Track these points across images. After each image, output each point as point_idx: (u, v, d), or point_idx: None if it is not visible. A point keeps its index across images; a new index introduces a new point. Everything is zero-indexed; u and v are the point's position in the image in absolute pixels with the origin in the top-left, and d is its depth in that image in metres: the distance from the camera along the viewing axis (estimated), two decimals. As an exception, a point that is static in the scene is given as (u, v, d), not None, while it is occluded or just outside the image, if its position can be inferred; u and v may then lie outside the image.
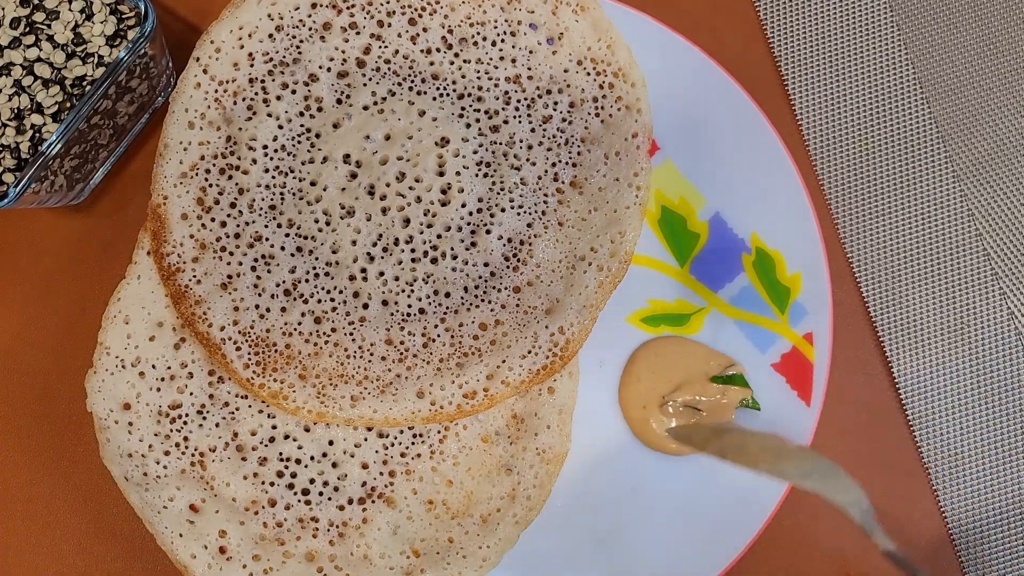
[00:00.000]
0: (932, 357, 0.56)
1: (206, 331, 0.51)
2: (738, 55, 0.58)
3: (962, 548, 0.55)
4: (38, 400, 0.56)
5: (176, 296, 0.52)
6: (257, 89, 0.53)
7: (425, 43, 0.54)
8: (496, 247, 0.53)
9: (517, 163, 0.54)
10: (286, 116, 0.53)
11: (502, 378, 0.52)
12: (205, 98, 0.53)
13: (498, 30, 0.54)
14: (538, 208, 0.54)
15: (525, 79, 0.54)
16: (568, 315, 0.53)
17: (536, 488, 0.53)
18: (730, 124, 0.55)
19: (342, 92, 0.54)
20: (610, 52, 0.55)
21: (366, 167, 0.53)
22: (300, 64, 0.54)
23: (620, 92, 0.55)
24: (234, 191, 0.53)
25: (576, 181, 0.54)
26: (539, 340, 0.52)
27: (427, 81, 0.54)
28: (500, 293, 0.53)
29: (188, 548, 0.51)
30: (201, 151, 0.53)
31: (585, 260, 0.54)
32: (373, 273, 0.52)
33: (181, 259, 0.52)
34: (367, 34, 0.54)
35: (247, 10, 0.53)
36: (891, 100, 0.58)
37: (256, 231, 0.53)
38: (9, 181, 0.50)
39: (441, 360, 0.52)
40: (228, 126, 0.53)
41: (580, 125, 0.55)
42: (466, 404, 0.52)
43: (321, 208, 0.53)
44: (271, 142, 0.53)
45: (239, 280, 0.52)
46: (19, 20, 0.51)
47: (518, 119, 0.54)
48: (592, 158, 0.54)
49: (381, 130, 0.53)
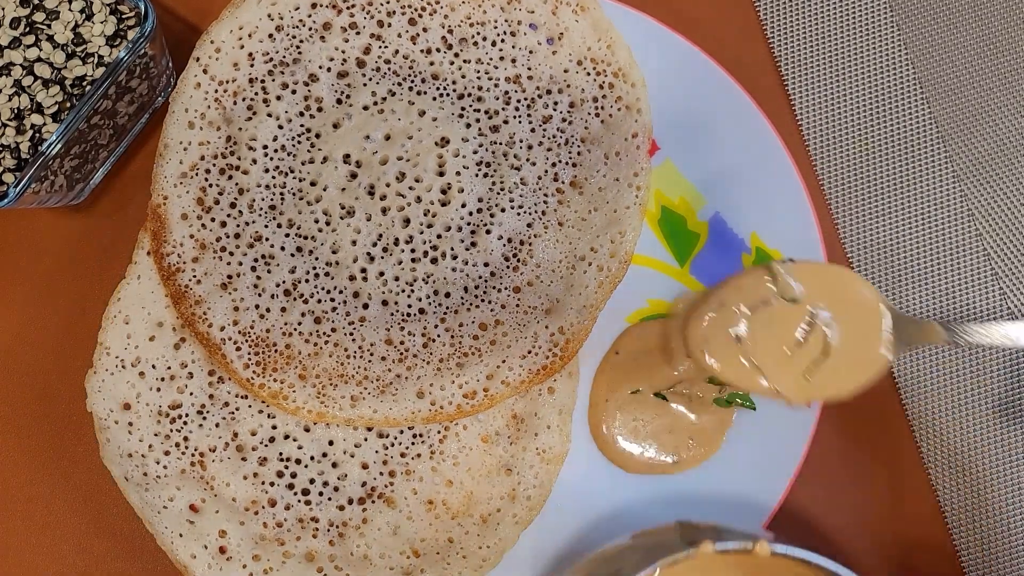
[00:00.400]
0: (932, 357, 0.56)
1: (206, 331, 0.51)
2: (738, 55, 0.58)
3: (962, 548, 0.55)
4: (38, 400, 0.56)
5: (176, 296, 0.52)
6: (257, 89, 0.53)
7: (425, 43, 0.54)
8: (496, 247, 0.53)
9: (517, 163, 0.54)
10: (286, 116, 0.53)
11: (502, 378, 0.52)
12: (205, 98, 0.53)
13: (498, 30, 0.54)
14: (538, 208, 0.54)
15: (525, 79, 0.54)
16: (568, 315, 0.53)
17: (536, 488, 0.53)
18: (730, 124, 0.55)
19: (342, 92, 0.54)
20: (610, 52, 0.55)
21: (366, 167, 0.53)
22: (300, 64, 0.54)
23: (620, 92, 0.55)
24: (234, 191, 0.53)
25: (576, 181, 0.54)
26: (539, 340, 0.52)
27: (427, 81, 0.54)
28: (500, 293, 0.53)
29: (188, 548, 0.51)
30: (201, 151, 0.53)
31: (585, 260, 0.54)
32: (373, 273, 0.52)
33: (181, 259, 0.52)
34: (367, 34, 0.54)
35: (247, 10, 0.53)
36: (891, 100, 0.58)
37: (256, 231, 0.53)
38: (9, 181, 0.50)
39: (441, 360, 0.52)
40: (228, 126, 0.53)
41: (580, 125, 0.55)
42: (466, 404, 0.52)
43: (321, 208, 0.53)
44: (271, 142, 0.53)
45: (239, 280, 0.52)
46: (19, 20, 0.51)
47: (518, 119, 0.54)
48: (592, 158, 0.54)
49: (381, 130, 0.53)
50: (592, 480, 0.54)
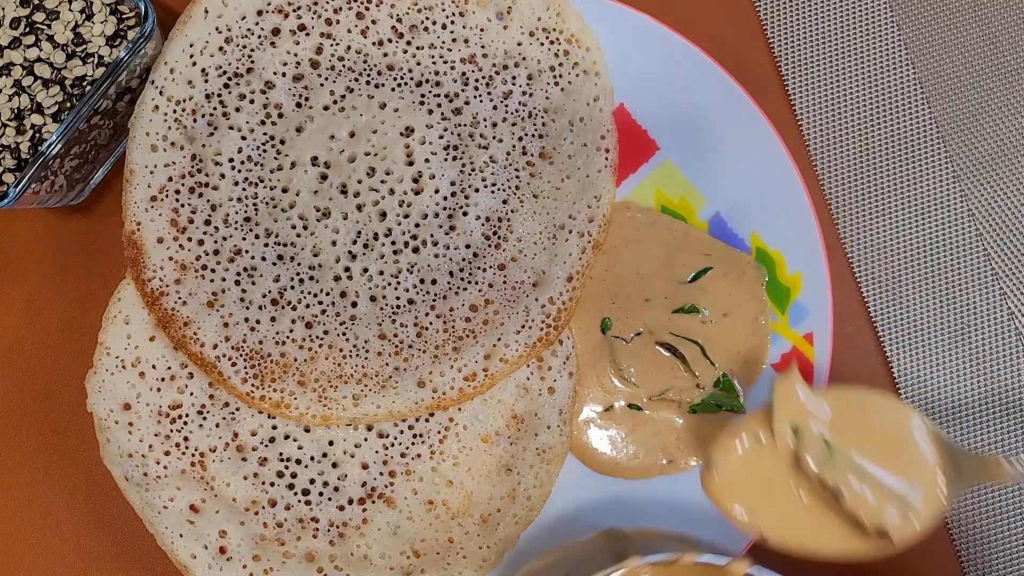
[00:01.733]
0: (932, 357, 0.56)
1: (199, 351, 0.51)
2: (738, 55, 0.58)
3: (962, 548, 0.55)
4: (38, 400, 0.56)
5: (164, 321, 0.51)
6: (215, 104, 0.53)
7: (376, 35, 0.54)
8: (475, 228, 0.53)
9: (484, 142, 0.54)
10: (248, 127, 0.53)
11: (500, 356, 0.52)
12: (164, 119, 0.52)
13: (446, 12, 0.54)
14: (511, 183, 0.54)
15: (480, 58, 0.54)
16: (556, 285, 0.53)
17: (536, 488, 0.53)
18: (730, 124, 0.55)
19: (300, 95, 0.54)
20: (560, 19, 0.55)
21: (335, 167, 0.53)
22: (254, 73, 0.53)
23: (576, 58, 0.55)
24: (207, 208, 0.53)
25: (545, 152, 0.54)
26: (531, 314, 0.53)
27: (383, 73, 0.54)
28: (486, 273, 0.53)
29: (188, 548, 0.51)
30: (168, 172, 0.52)
31: (565, 228, 0.54)
32: (357, 270, 0.52)
33: (163, 283, 0.52)
34: (317, 34, 0.54)
35: (195, 26, 0.53)
36: (891, 100, 0.58)
37: (235, 245, 0.52)
38: (9, 181, 0.50)
39: (437, 347, 0.52)
40: (191, 144, 0.53)
41: (541, 96, 0.55)
42: (468, 387, 0.52)
43: (296, 213, 0.53)
44: (236, 154, 0.53)
45: (225, 296, 0.52)
46: (19, 20, 0.51)
47: (479, 98, 0.54)
48: (557, 127, 0.55)
49: (345, 128, 0.53)
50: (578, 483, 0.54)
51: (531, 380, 0.53)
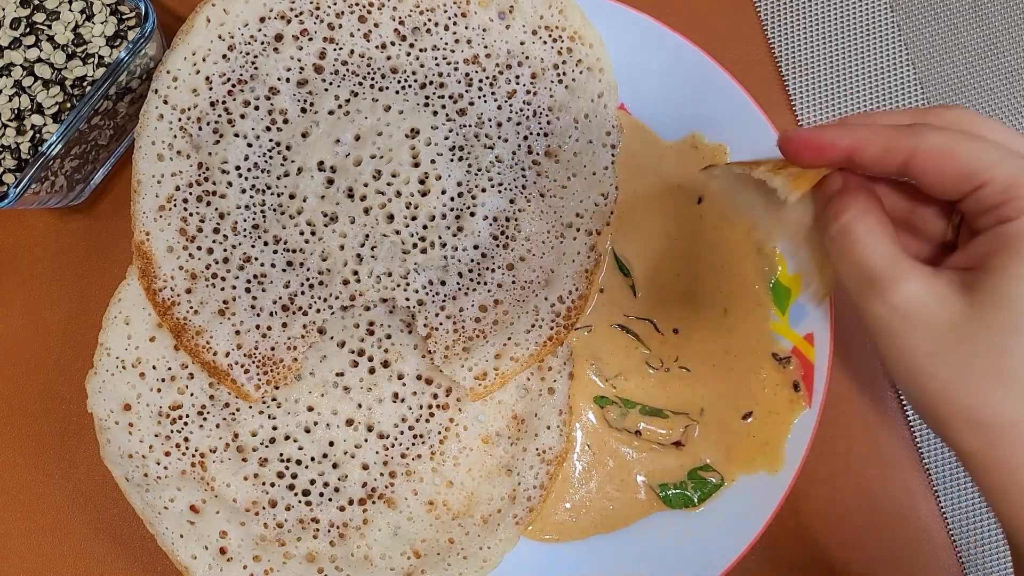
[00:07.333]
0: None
1: (212, 359, 0.51)
2: (738, 55, 0.58)
3: (962, 548, 0.55)
4: (39, 401, 0.56)
5: (176, 330, 0.51)
6: (220, 111, 0.53)
7: (379, 38, 0.54)
8: (483, 228, 0.53)
9: (489, 142, 0.54)
10: (253, 133, 0.53)
11: (510, 355, 0.52)
12: (170, 128, 0.52)
13: (448, 13, 0.54)
14: (518, 183, 0.54)
15: (483, 58, 0.54)
16: (565, 283, 0.53)
17: (537, 489, 0.53)
18: (730, 124, 0.55)
19: (305, 100, 0.53)
20: (563, 17, 0.55)
21: (341, 171, 0.53)
22: (258, 79, 0.53)
23: (579, 55, 0.55)
24: (215, 216, 0.53)
25: (551, 150, 0.54)
26: (541, 313, 0.53)
27: (387, 76, 0.54)
28: (494, 273, 0.53)
29: (189, 549, 0.51)
30: (175, 182, 0.52)
31: (572, 227, 0.54)
32: (365, 274, 0.52)
33: (175, 292, 0.52)
34: (320, 39, 0.54)
35: (197, 35, 0.53)
36: (891, 100, 0.58)
37: (244, 252, 0.52)
38: (9, 181, 0.50)
39: (447, 347, 0.52)
40: (198, 152, 0.53)
41: (545, 94, 0.55)
42: (479, 386, 0.52)
43: (304, 219, 0.53)
44: (243, 162, 0.53)
45: (236, 304, 0.52)
46: (19, 20, 0.51)
47: (483, 99, 0.54)
48: (562, 125, 0.55)
49: (350, 132, 0.53)
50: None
51: (531, 380, 0.53)
